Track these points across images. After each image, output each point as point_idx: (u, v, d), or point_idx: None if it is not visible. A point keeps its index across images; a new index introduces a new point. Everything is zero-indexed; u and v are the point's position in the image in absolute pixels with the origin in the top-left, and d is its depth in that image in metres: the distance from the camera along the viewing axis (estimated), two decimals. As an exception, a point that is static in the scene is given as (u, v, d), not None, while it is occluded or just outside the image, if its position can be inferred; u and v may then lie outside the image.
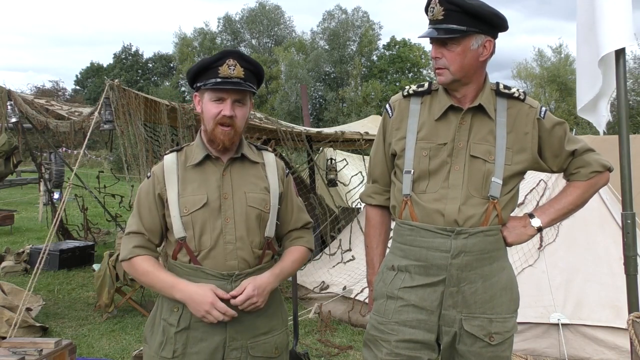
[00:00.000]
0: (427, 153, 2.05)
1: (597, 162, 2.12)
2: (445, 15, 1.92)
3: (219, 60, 1.94)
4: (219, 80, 1.93)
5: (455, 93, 2.05)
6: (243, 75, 1.96)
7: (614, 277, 4.35)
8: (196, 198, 1.99)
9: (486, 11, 1.94)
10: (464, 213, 2.00)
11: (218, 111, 1.96)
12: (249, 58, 2.02)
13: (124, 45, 47.45)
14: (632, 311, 2.63)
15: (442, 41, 1.96)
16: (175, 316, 2.01)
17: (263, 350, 2.06)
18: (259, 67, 2.04)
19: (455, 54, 1.95)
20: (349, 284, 5.67)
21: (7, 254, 7.93)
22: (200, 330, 2.00)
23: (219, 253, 1.99)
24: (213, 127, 1.97)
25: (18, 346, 2.92)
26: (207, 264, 1.99)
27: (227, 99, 1.96)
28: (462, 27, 1.92)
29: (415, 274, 2.05)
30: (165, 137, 5.82)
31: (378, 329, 2.10)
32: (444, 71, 1.98)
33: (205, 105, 2.00)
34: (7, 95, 6.83)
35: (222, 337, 2.00)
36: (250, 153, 2.11)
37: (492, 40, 2.01)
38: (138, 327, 5.26)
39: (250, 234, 2.02)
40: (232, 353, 2.01)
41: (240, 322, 2.00)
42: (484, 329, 2.03)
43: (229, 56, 1.96)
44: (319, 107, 39.65)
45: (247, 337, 2.03)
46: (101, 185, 9.93)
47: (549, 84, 33.31)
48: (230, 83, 1.94)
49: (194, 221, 1.98)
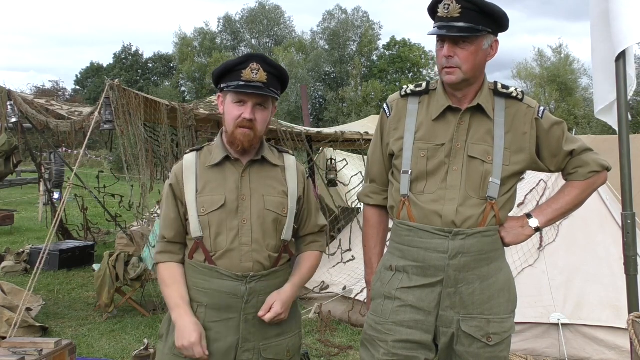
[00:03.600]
0: (425, 154, 2.04)
1: (595, 161, 2.11)
2: (462, 13, 1.90)
3: (242, 64, 1.96)
4: (241, 83, 1.95)
5: (458, 93, 2.03)
6: (266, 80, 1.97)
7: (614, 277, 4.35)
8: (214, 198, 2.01)
9: (499, 11, 1.95)
10: (462, 214, 1.99)
11: (239, 114, 1.98)
12: (273, 62, 2.03)
13: (124, 45, 47.44)
14: (632, 311, 2.63)
15: (455, 40, 1.93)
16: None
17: (275, 352, 2.07)
18: (283, 71, 2.05)
19: (469, 53, 1.94)
20: (349, 284, 5.66)
21: (7, 254, 7.92)
22: (214, 330, 2.01)
23: (234, 254, 2.00)
24: (233, 129, 1.98)
25: (18, 346, 2.92)
26: (222, 265, 2.00)
27: (248, 102, 1.98)
28: (478, 26, 1.92)
29: (413, 274, 2.05)
30: (165, 137, 5.82)
31: (375, 329, 2.10)
32: (455, 70, 1.96)
33: (227, 106, 2.01)
34: (7, 95, 6.84)
35: (235, 338, 2.01)
36: (271, 156, 2.12)
37: (498, 40, 2.02)
38: (138, 327, 5.26)
39: (267, 237, 2.04)
40: (244, 354, 2.02)
41: (253, 324, 2.02)
42: (481, 329, 2.03)
43: (253, 60, 1.97)
44: (319, 107, 39.68)
45: (259, 339, 2.04)
46: (101, 185, 9.92)
47: (549, 84, 33.34)
48: (252, 87, 1.95)
49: (210, 221, 2.00)
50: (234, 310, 2.01)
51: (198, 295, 2.03)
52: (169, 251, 2.07)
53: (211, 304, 2.01)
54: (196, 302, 2.02)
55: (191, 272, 2.05)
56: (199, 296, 2.03)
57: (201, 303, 2.02)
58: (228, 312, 2.01)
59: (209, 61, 41.10)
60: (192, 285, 2.04)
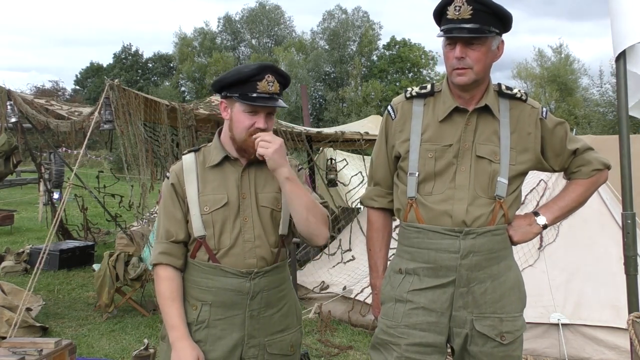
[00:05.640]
0: (432, 155, 2.05)
1: (598, 160, 2.15)
2: (474, 14, 1.92)
3: (258, 75, 1.96)
4: (255, 95, 1.96)
5: (466, 94, 2.04)
6: (278, 91, 2.00)
7: (614, 277, 4.35)
8: (217, 197, 2.02)
9: (507, 13, 1.97)
10: (472, 213, 2.00)
11: (251, 123, 1.98)
12: (283, 72, 2.05)
13: (124, 45, 47.43)
14: (632, 311, 2.64)
15: (467, 41, 1.94)
16: (194, 314, 2.03)
17: (280, 347, 2.09)
18: (289, 79, 2.08)
19: (480, 54, 1.95)
20: (349, 284, 5.67)
21: (7, 254, 7.92)
22: (218, 327, 2.02)
23: (238, 251, 2.01)
24: (245, 138, 1.99)
25: (18, 346, 2.92)
26: (226, 262, 2.01)
27: (261, 112, 1.99)
28: (488, 27, 1.93)
29: (424, 276, 2.05)
30: (165, 137, 5.82)
31: (387, 333, 2.09)
32: (467, 71, 1.96)
33: (237, 115, 2.01)
34: (6, 95, 6.83)
35: (240, 335, 2.03)
36: None
37: (504, 41, 2.03)
38: (138, 327, 5.26)
39: (267, 233, 2.05)
40: (250, 350, 2.04)
41: (258, 319, 2.04)
42: (495, 328, 2.03)
43: (268, 71, 1.98)
44: (319, 107, 39.69)
45: (264, 335, 2.06)
46: (101, 185, 9.93)
47: (549, 84, 33.34)
48: (268, 99, 1.97)
49: (214, 220, 2.01)
50: (239, 307, 2.02)
51: (202, 294, 2.03)
52: (171, 254, 2.05)
53: (216, 301, 2.02)
54: (200, 300, 2.03)
55: (194, 272, 2.05)
56: (203, 295, 2.03)
57: (206, 301, 2.03)
58: (233, 309, 2.02)
59: (209, 61, 41.12)
60: (196, 284, 2.04)
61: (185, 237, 2.06)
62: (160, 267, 2.05)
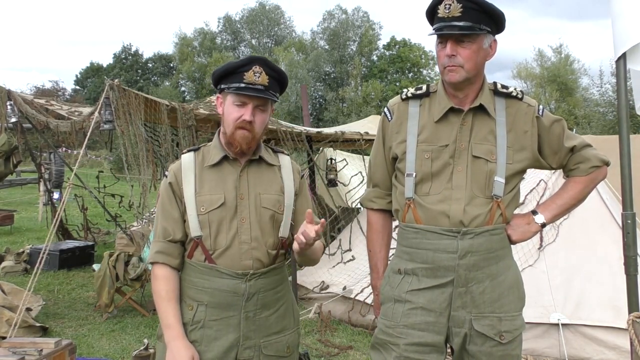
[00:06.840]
0: (429, 155, 2.05)
1: (596, 157, 2.14)
2: (464, 12, 1.92)
3: (245, 66, 1.97)
4: (242, 85, 1.96)
5: (459, 93, 2.04)
6: (267, 83, 1.99)
7: (614, 277, 4.35)
8: (213, 197, 2.02)
9: (498, 11, 1.97)
10: (469, 213, 2.00)
11: (239, 115, 1.98)
12: (275, 66, 2.04)
13: (124, 45, 47.45)
14: (632, 311, 2.63)
15: (457, 38, 1.95)
16: (190, 314, 2.03)
17: (276, 349, 2.09)
18: (283, 75, 2.07)
19: (471, 52, 1.95)
20: (349, 284, 5.66)
21: (7, 254, 7.92)
22: (214, 328, 2.02)
23: (234, 253, 2.01)
24: (233, 130, 1.99)
25: (18, 346, 2.91)
26: (222, 263, 2.01)
27: (249, 104, 1.99)
28: (479, 24, 1.93)
29: (422, 276, 2.05)
30: (165, 137, 5.82)
31: (386, 333, 2.10)
32: (457, 69, 1.97)
33: (227, 108, 2.02)
34: (6, 95, 6.83)
35: (236, 336, 2.02)
36: (267, 156, 2.13)
37: (496, 40, 2.03)
38: (138, 327, 5.26)
39: (265, 235, 2.05)
40: (245, 352, 2.03)
41: (253, 321, 2.04)
42: (494, 327, 2.03)
43: (256, 63, 1.98)
44: (319, 107, 39.68)
45: (260, 336, 2.05)
46: (101, 185, 9.93)
47: (549, 84, 33.34)
48: (253, 90, 1.96)
49: (210, 220, 2.01)
50: (235, 308, 2.02)
51: (198, 294, 2.03)
52: (168, 253, 2.05)
53: (212, 302, 2.02)
54: (196, 301, 2.03)
55: (191, 272, 2.05)
56: (199, 295, 2.03)
57: (201, 302, 2.02)
58: (229, 310, 2.02)
59: (209, 61, 41.10)
60: (192, 284, 2.04)
61: (182, 237, 2.06)
62: (157, 266, 2.05)
